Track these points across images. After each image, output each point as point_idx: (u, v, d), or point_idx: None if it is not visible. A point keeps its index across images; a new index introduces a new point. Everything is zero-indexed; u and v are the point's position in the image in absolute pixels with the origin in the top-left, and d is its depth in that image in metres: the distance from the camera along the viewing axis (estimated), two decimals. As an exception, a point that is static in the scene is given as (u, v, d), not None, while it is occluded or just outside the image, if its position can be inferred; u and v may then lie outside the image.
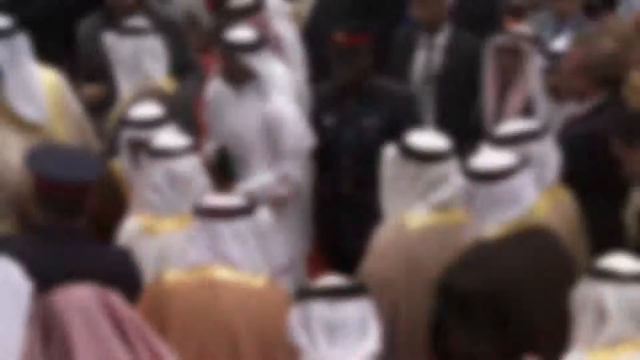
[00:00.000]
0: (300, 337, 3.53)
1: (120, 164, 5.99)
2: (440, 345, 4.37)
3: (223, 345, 4.25)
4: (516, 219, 4.62)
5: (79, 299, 3.52)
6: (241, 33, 6.46)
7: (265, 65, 6.49)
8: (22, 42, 6.26)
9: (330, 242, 6.60)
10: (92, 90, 7.51)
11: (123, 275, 4.41)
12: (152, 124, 5.72)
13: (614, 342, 3.88)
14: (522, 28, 7.01)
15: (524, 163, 4.80)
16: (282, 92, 6.47)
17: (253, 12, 6.64)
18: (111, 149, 6.41)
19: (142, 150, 5.57)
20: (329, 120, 6.73)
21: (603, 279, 3.88)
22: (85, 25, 7.94)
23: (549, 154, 5.48)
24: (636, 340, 3.87)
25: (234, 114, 6.55)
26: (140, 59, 6.94)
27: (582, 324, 3.94)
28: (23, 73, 6.24)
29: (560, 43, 6.44)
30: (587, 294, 3.94)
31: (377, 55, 6.99)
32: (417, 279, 4.72)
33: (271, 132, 6.45)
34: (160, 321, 4.02)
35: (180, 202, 5.23)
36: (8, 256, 3.89)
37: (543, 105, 6.49)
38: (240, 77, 6.51)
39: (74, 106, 6.56)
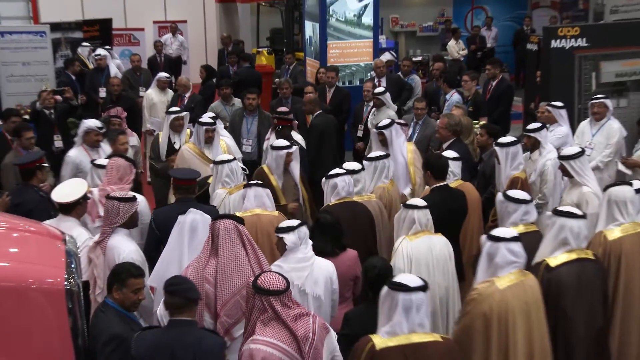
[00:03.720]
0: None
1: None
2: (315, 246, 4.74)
3: (266, 243, 5.13)
4: (344, 197, 5.60)
5: (226, 223, 4.50)
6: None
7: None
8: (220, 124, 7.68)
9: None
10: None
11: (214, 213, 5.18)
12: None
13: (417, 233, 5.00)
14: (400, 121, 7.65)
15: (352, 171, 5.82)
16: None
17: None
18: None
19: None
20: None
21: (411, 208, 5.04)
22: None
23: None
24: (426, 232, 5.00)
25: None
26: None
27: (403, 227, 5.08)
28: (216, 141, 7.34)
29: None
30: (405, 214, 5.07)
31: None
32: (351, 225, 5.35)
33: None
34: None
35: (236, 180, 6.09)
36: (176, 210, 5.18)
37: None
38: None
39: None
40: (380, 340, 3.62)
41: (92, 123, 7.12)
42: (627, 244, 4.80)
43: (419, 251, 4.96)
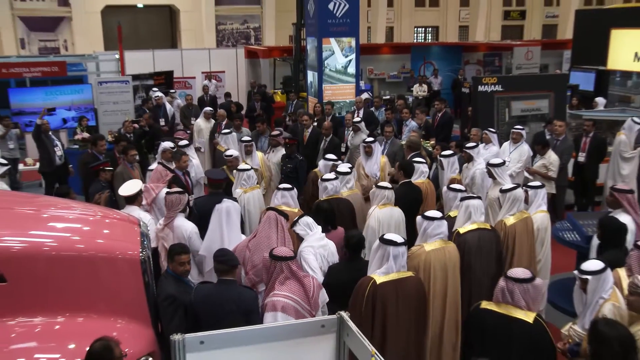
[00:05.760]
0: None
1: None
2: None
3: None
4: (332, 194, 5.46)
5: (269, 214, 4.45)
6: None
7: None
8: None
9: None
10: None
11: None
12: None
13: (384, 204, 5.18)
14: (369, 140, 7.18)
15: (345, 173, 5.79)
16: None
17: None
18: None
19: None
20: (286, 164, 7.36)
21: (382, 188, 5.19)
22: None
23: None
24: (389, 204, 5.18)
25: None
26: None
27: (376, 200, 5.25)
28: (254, 153, 7.29)
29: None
30: (378, 192, 5.22)
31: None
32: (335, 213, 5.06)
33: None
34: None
35: (250, 183, 5.95)
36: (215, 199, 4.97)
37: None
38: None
39: (269, 163, 7.44)
40: (378, 277, 3.70)
41: (166, 144, 7.06)
42: (518, 227, 4.92)
43: (384, 216, 5.16)
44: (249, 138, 7.44)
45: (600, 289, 3.48)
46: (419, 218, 4.39)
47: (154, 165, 6.79)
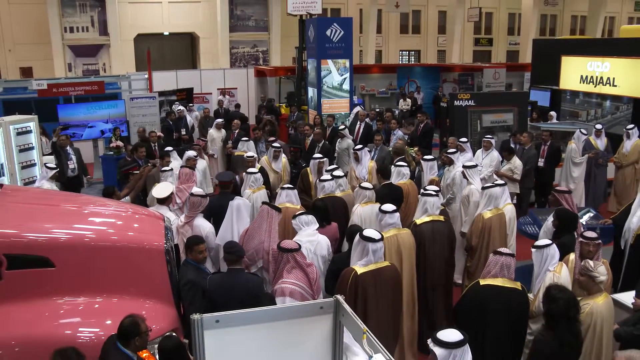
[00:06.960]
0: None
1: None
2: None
3: (290, 226, 4.58)
4: (329, 193, 5.33)
5: (263, 207, 4.37)
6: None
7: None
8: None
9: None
10: None
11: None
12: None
13: (366, 202, 5.03)
14: (357, 147, 6.97)
15: (339, 176, 5.58)
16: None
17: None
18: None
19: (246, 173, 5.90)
20: (291, 169, 7.18)
21: (365, 189, 5.06)
22: None
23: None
24: (371, 202, 4.95)
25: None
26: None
27: (358, 199, 5.09)
28: (279, 157, 6.96)
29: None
30: (361, 192, 5.06)
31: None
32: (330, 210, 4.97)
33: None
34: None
35: (258, 184, 5.75)
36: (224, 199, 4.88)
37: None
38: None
39: (287, 167, 6.99)
40: (359, 268, 3.65)
41: (190, 153, 6.91)
42: (493, 220, 4.99)
43: (366, 212, 5.05)
44: (278, 145, 7.18)
45: (546, 263, 3.67)
46: (376, 212, 4.35)
47: (167, 168, 6.51)
